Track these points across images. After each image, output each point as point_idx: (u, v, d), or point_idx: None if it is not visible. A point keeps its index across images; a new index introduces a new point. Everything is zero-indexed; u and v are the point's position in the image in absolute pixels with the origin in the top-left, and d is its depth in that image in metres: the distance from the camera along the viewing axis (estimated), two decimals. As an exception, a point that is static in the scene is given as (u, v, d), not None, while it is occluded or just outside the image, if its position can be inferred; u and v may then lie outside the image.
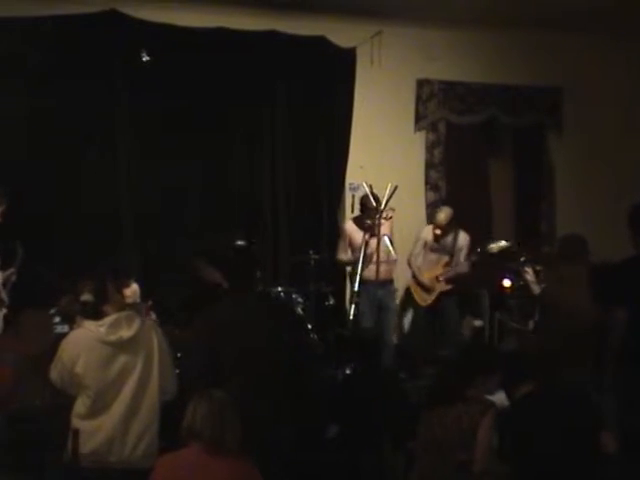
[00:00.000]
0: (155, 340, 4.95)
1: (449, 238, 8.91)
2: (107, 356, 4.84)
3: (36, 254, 7.60)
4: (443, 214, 8.88)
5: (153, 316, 6.97)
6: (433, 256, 9.00)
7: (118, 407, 4.83)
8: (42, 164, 8.30)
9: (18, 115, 8.06)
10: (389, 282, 8.58)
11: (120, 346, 4.85)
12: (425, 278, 8.96)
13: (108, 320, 4.89)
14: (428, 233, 9.02)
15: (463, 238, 8.96)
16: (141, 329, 4.91)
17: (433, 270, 8.96)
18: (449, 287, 8.92)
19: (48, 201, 8.30)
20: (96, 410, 4.83)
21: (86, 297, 4.93)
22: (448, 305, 8.96)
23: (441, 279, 8.88)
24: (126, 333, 4.87)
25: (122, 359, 4.86)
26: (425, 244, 9.02)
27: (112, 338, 4.85)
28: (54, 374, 4.93)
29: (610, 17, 9.12)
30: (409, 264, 9.06)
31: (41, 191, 8.25)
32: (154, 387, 4.90)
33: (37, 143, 8.23)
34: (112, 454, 4.76)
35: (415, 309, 9.25)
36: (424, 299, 9.00)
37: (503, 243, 8.74)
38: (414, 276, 9.03)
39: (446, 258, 8.94)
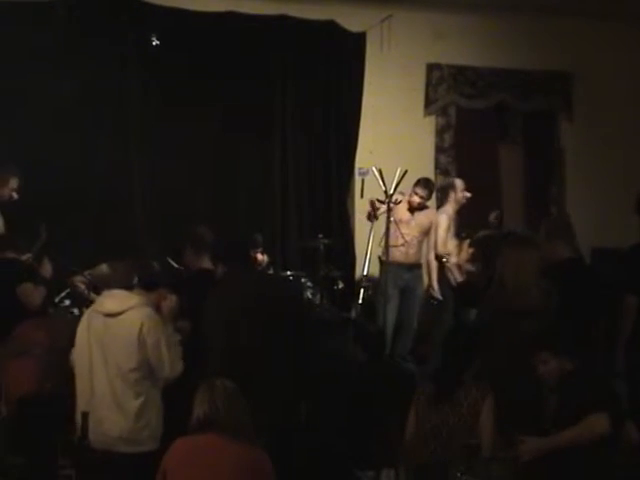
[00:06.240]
0: (144, 326, 4.75)
1: None
2: (87, 325, 4.88)
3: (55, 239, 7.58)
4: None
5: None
6: (455, 241, 8.66)
7: (90, 383, 4.82)
8: (54, 146, 8.22)
9: (30, 98, 8.03)
10: (417, 266, 8.44)
11: (103, 319, 4.83)
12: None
13: (104, 294, 4.96)
14: (448, 219, 8.60)
15: None
16: (130, 310, 4.81)
17: (462, 255, 8.61)
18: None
19: (58, 183, 8.26)
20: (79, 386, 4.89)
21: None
22: None
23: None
24: (112, 307, 4.82)
25: (98, 331, 4.82)
26: (449, 230, 8.61)
27: (98, 308, 4.88)
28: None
29: (621, 1, 9.08)
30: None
31: (51, 173, 8.23)
32: (125, 367, 4.76)
33: (48, 126, 8.19)
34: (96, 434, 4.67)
35: None
36: None
37: None
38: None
39: (467, 241, 8.63)
